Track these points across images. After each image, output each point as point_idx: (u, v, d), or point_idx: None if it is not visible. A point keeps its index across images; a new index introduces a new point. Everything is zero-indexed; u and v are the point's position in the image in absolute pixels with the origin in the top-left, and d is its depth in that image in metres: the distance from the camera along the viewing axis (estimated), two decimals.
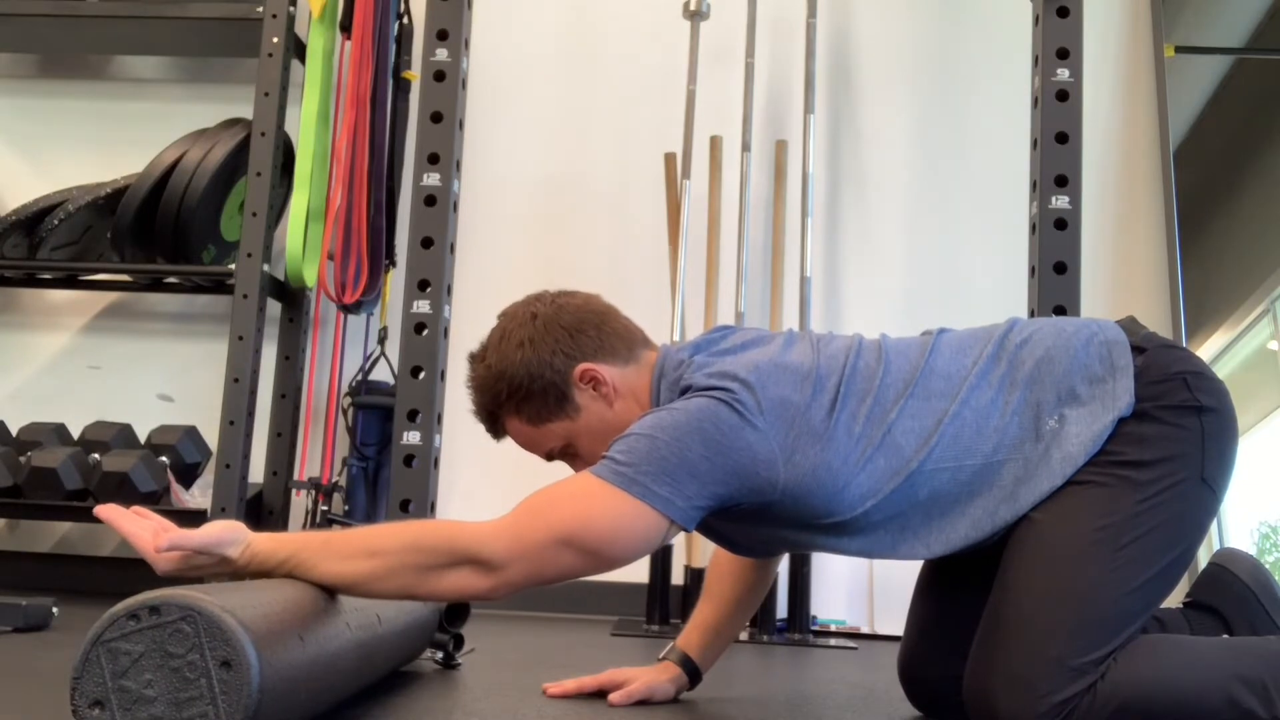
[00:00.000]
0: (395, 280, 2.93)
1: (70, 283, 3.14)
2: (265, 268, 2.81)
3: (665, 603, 2.62)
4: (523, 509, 1.24)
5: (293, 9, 2.95)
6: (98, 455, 2.77)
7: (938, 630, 1.50)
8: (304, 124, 2.93)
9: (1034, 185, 2.49)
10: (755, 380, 1.29)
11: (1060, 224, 2.43)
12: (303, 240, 2.90)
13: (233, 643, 0.93)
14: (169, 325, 3.24)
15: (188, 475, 2.86)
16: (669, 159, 2.98)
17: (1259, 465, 2.88)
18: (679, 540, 2.69)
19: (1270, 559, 2.88)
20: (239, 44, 3.03)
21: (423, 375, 2.48)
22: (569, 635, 2.46)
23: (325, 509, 2.89)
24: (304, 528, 2.93)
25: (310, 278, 2.93)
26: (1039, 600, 1.25)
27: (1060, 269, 2.41)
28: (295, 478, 3.03)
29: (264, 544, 1.18)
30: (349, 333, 3.13)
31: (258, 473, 2.96)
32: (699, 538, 2.66)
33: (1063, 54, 2.49)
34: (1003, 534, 1.32)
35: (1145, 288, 3.04)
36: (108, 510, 1.18)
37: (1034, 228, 2.48)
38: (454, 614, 1.70)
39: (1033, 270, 2.46)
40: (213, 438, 2.79)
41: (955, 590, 1.49)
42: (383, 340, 3.02)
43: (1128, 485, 1.26)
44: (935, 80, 3.18)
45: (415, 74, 2.95)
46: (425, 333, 2.50)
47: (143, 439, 2.88)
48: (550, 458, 1.45)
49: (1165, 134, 3.07)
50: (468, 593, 1.21)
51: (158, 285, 3.11)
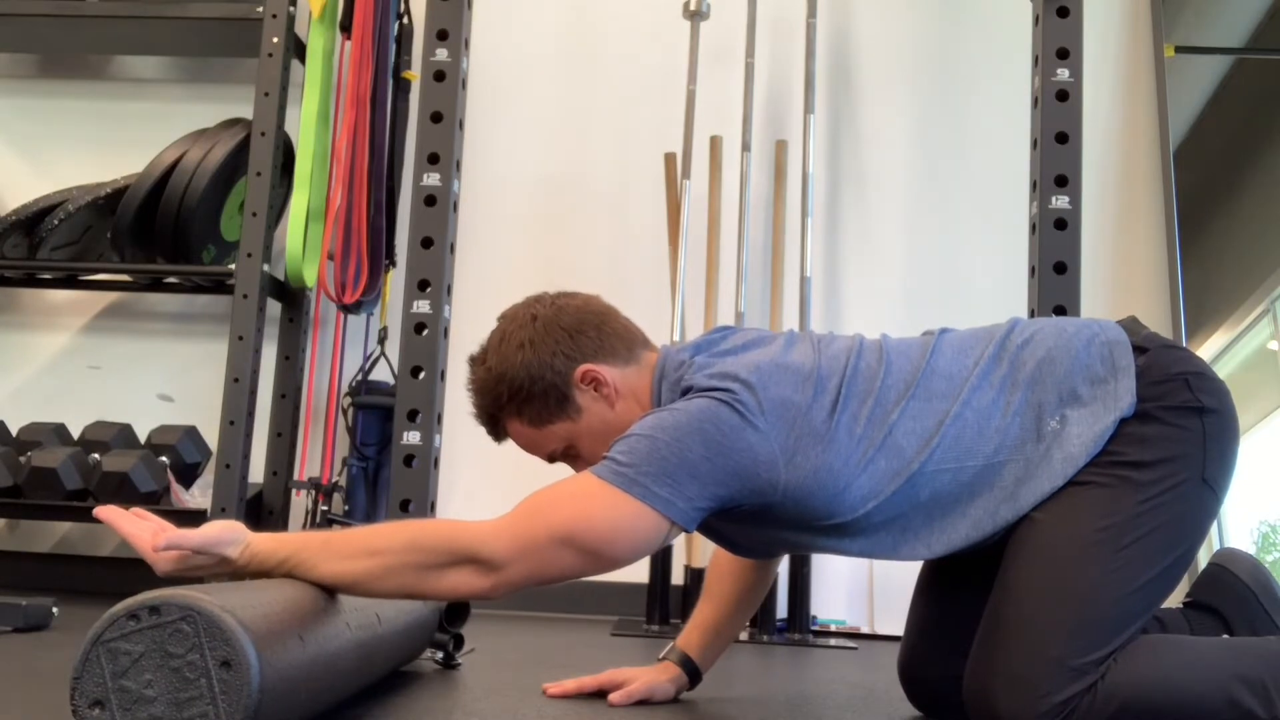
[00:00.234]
0: (395, 280, 2.93)
1: (70, 283, 3.14)
2: (265, 268, 2.81)
3: (665, 603, 2.62)
4: (523, 509, 1.24)
5: (293, 9, 2.95)
6: (98, 455, 2.77)
7: (938, 630, 1.49)
8: (304, 124, 2.93)
9: (1034, 185, 2.49)
10: (756, 381, 1.29)
11: (1060, 224, 2.43)
12: (303, 240, 2.90)
13: (233, 643, 0.93)
14: (169, 325, 3.24)
15: (188, 475, 2.85)
16: (669, 159, 2.98)
17: (1259, 465, 2.88)
18: (679, 540, 2.69)
19: (1270, 559, 2.88)
20: (239, 44, 3.03)
21: (423, 375, 2.48)
22: (569, 635, 2.46)
23: (325, 509, 2.89)
24: (304, 528, 2.92)
25: (310, 278, 2.92)
26: (1040, 600, 1.25)
27: (1060, 269, 2.41)
28: (295, 478, 3.03)
29: (263, 544, 1.18)
30: (349, 333, 3.13)
31: (258, 473, 2.97)
32: (699, 538, 2.66)
33: (1063, 54, 2.49)
34: (1003, 534, 1.31)
35: (1145, 288, 3.04)
36: (107, 511, 1.19)
37: (1034, 228, 2.48)
38: (454, 614, 1.70)
39: (1033, 270, 2.46)
40: (213, 438, 2.79)
41: (955, 590, 1.49)
42: (383, 340, 3.02)
43: (1129, 486, 1.26)
44: (935, 80, 3.18)
45: (415, 74, 2.95)
46: (425, 333, 2.50)
47: (143, 439, 2.88)
48: (552, 459, 1.45)
49: (1165, 134, 3.07)
50: (467, 592, 1.21)
51: (158, 285, 3.11)
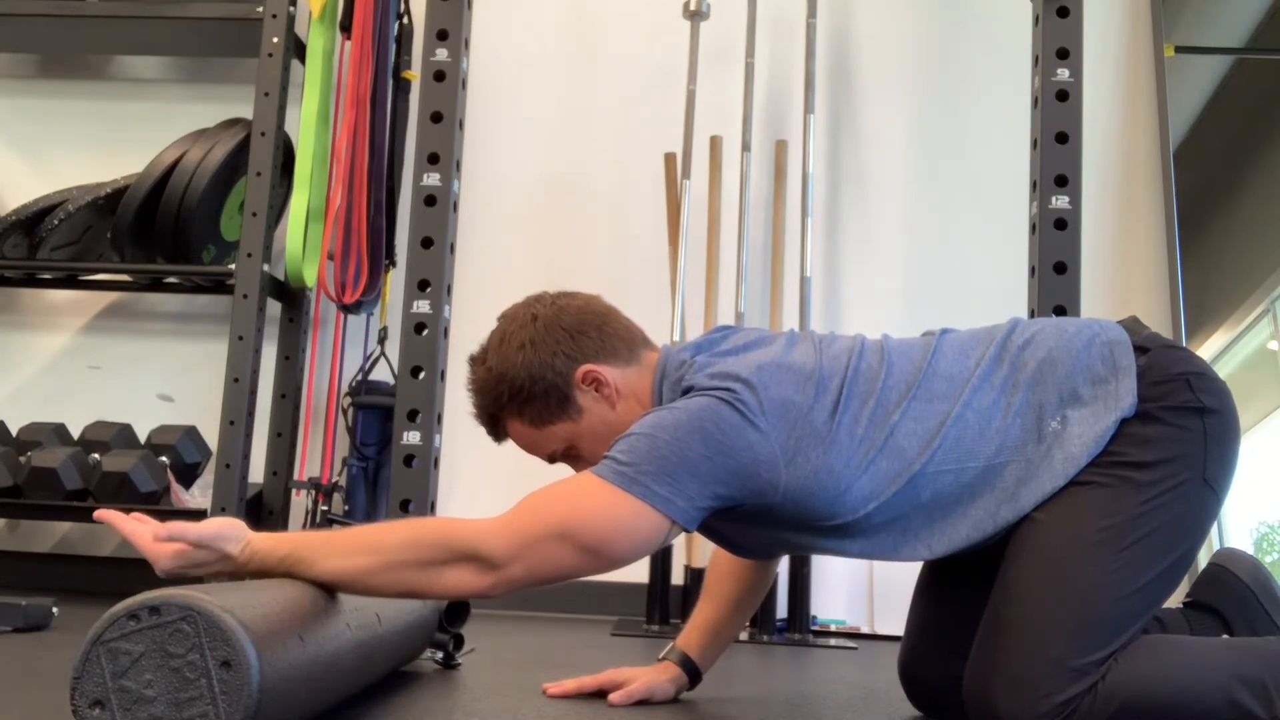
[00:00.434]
0: (395, 280, 2.93)
1: (70, 283, 3.14)
2: (265, 268, 2.81)
3: (665, 603, 2.62)
4: (522, 507, 1.24)
5: (293, 9, 2.95)
6: (98, 455, 2.76)
7: (938, 630, 1.49)
8: (304, 124, 2.93)
9: (1034, 185, 2.49)
10: (758, 381, 1.29)
11: (1060, 224, 2.43)
12: (303, 240, 2.90)
13: (232, 642, 0.93)
14: (169, 325, 3.24)
15: (188, 475, 2.85)
16: (669, 159, 2.98)
17: (1259, 465, 2.88)
18: (679, 540, 2.68)
19: (1269, 559, 2.88)
20: (239, 44, 3.03)
21: (423, 375, 2.48)
22: (569, 635, 2.46)
23: (325, 509, 2.89)
24: (304, 528, 2.92)
25: (310, 278, 2.92)
26: (1040, 600, 1.24)
27: (1060, 269, 2.41)
28: (295, 478, 3.03)
29: (263, 542, 1.18)
30: (349, 333, 3.13)
31: (258, 473, 2.96)
32: (699, 538, 2.66)
33: (1063, 54, 2.49)
34: (1004, 534, 1.31)
35: (1145, 288, 3.04)
36: (107, 514, 1.19)
37: (1034, 228, 2.48)
38: (454, 614, 1.70)
39: (1033, 270, 2.46)
40: (213, 438, 2.79)
41: (956, 590, 1.49)
42: (383, 340, 3.02)
43: (1130, 486, 1.26)
44: (935, 80, 3.18)
45: (415, 74, 2.95)
46: (425, 333, 2.50)
47: (143, 439, 2.88)
48: (552, 460, 1.44)
49: (1165, 134, 3.07)
50: (467, 590, 1.21)
51: (158, 285, 3.11)
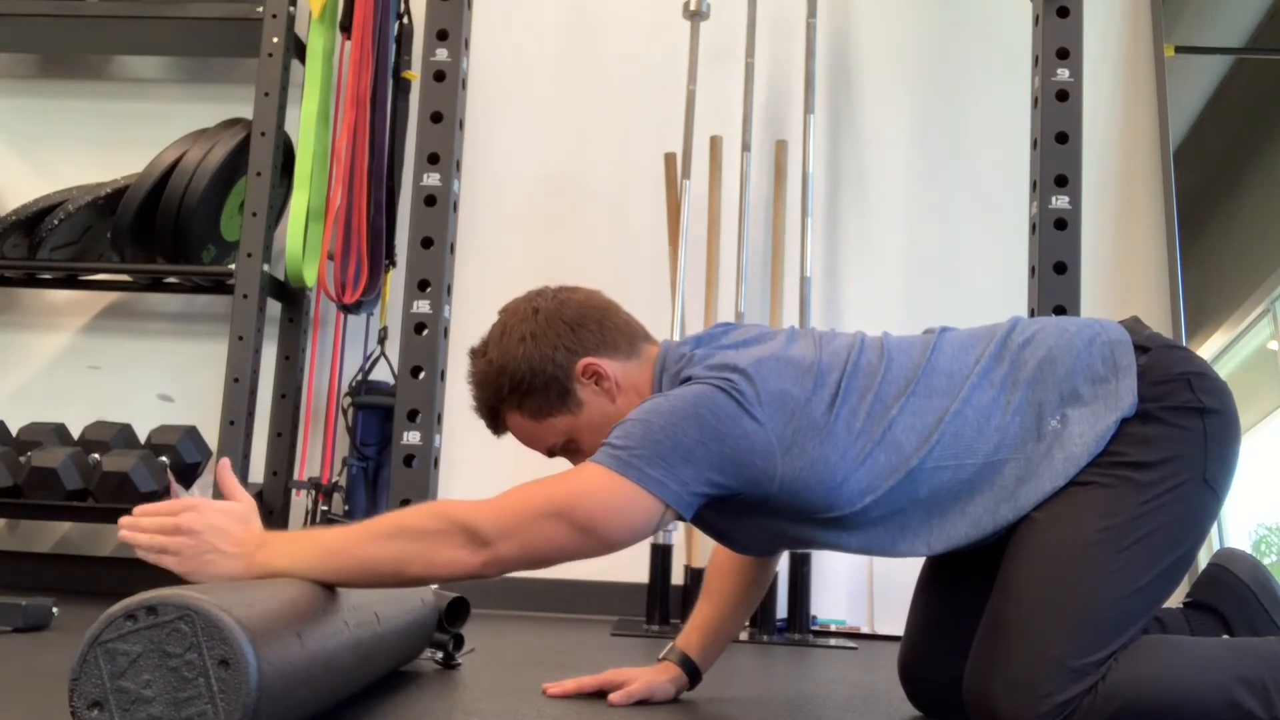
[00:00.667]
0: (395, 280, 2.93)
1: (70, 283, 3.14)
2: (265, 268, 2.81)
3: (665, 603, 2.62)
4: (516, 488, 1.25)
5: (293, 9, 2.95)
6: (98, 455, 2.76)
7: (938, 630, 1.49)
8: (304, 124, 2.93)
9: (1034, 185, 2.49)
10: (755, 372, 1.29)
11: (1060, 224, 2.43)
12: (303, 240, 2.90)
13: (230, 641, 0.93)
14: (169, 325, 3.23)
15: (188, 475, 2.85)
16: (669, 159, 2.98)
17: (1259, 466, 2.88)
18: (679, 540, 2.69)
19: (1268, 561, 2.88)
20: (239, 44, 3.03)
21: (423, 375, 2.48)
22: (569, 635, 2.46)
23: (325, 509, 2.89)
24: (304, 528, 2.92)
25: (310, 278, 2.92)
26: (1040, 600, 1.24)
27: (1060, 269, 2.41)
28: (295, 478, 3.03)
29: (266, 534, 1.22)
30: (349, 333, 3.13)
31: (258, 473, 2.97)
32: (699, 537, 2.66)
33: (1063, 54, 2.49)
34: (1004, 533, 1.31)
35: (1145, 288, 3.04)
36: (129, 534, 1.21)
37: (1034, 228, 2.48)
38: (454, 613, 1.69)
39: (1033, 270, 2.46)
40: (213, 438, 2.79)
41: (956, 590, 1.49)
42: (383, 340, 3.02)
43: (1130, 486, 1.26)
44: (935, 80, 3.18)
45: (415, 74, 2.95)
46: (425, 333, 2.50)
47: (143, 439, 2.87)
48: (552, 453, 1.45)
49: (1165, 134, 3.07)
50: (459, 568, 1.20)
51: (158, 285, 3.11)
